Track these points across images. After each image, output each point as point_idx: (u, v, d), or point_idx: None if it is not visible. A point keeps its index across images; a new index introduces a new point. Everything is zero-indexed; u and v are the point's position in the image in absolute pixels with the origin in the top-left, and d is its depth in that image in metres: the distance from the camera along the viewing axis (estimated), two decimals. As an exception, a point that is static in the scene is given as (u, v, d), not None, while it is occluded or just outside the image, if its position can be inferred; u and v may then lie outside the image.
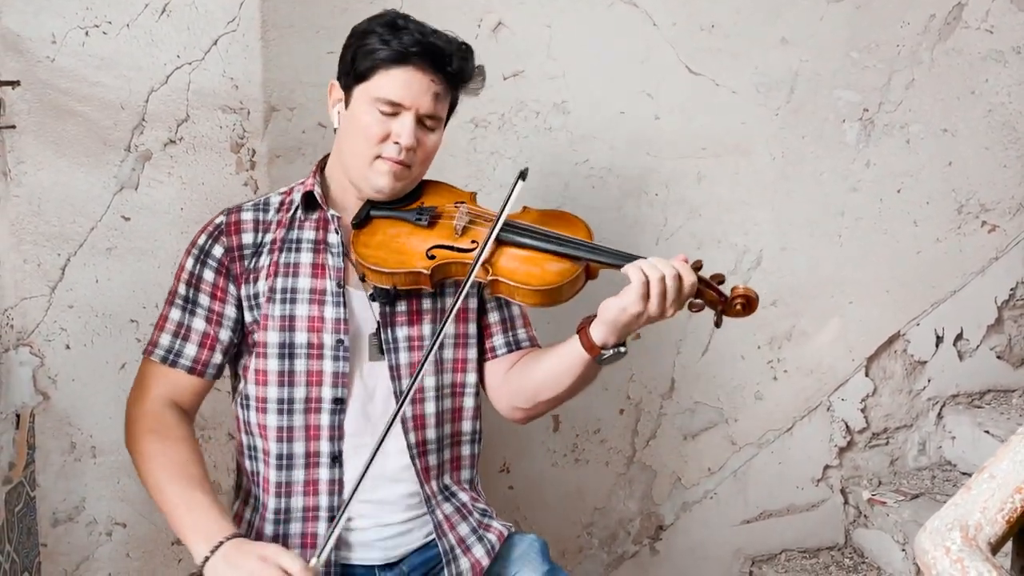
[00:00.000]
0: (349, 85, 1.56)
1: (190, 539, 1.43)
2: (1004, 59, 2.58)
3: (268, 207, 1.62)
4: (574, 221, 1.60)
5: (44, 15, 1.86)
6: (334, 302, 1.55)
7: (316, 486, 1.55)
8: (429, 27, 1.55)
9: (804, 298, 2.55)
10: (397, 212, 1.58)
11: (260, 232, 1.59)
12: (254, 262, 1.57)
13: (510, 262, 1.52)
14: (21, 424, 1.93)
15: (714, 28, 2.35)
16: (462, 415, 1.66)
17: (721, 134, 2.41)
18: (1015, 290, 2.71)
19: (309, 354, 1.54)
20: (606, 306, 1.46)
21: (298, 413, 1.55)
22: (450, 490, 1.64)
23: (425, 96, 1.51)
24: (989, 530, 1.02)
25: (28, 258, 1.92)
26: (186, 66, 1.98)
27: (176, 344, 1.55)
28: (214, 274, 1.56)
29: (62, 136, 1.90)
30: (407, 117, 1.51)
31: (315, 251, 1.58)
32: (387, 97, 1.50)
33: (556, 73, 2.26)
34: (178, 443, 1.53)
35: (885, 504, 2.54)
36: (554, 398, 1.61)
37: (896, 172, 2.56)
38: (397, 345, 1.57)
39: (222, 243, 1.57)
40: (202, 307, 1.56)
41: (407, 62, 1.50)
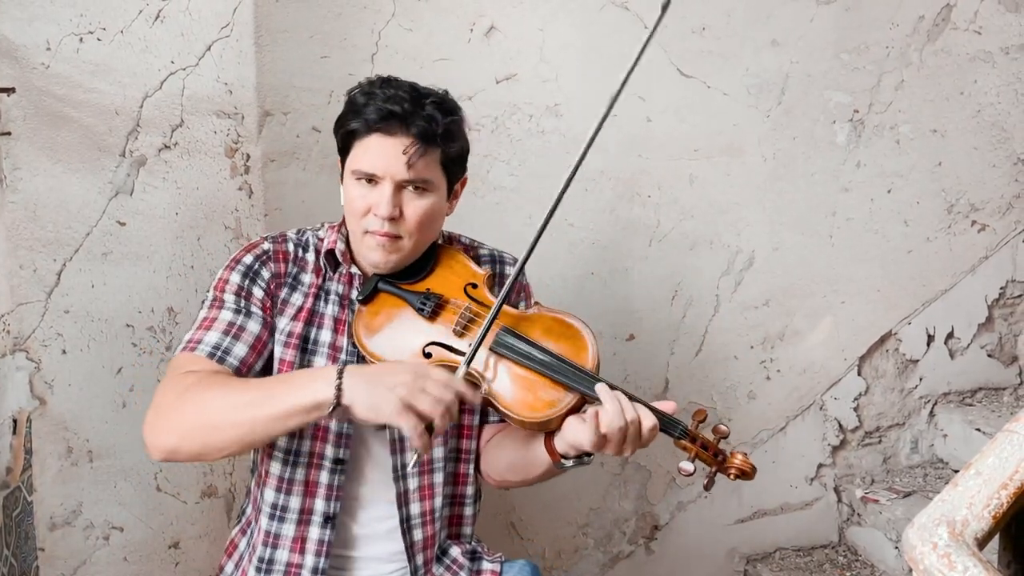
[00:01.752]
0: (342, 160, 1.55)
1: (303, 394, 1.30)
2: (993, 60, 2.60)
3: (307, 246, 1.60)
4: (580, 339, 1.49)
5: (38, 22, 1.87)
6: (348, 361, 1.54)
7: (304, 544, 1.54)
8: (404, 88, 1.49)
9: (796, 298, 2.56)
10: (403, 292, 1.52)
11: (297, 267, 1.57)
12: (288, 294, 1.55)
13: (503, 380, 1.45)
14: (18, 429, 1.93)
15: (705, 30, 2.37)
16: (466, 480, 1.66)
17: (713, 135, 2.42)
18: (1005, 289, 2.73)
19: None
20: (570, 426, 1.42)
21: (301, 467, 1.53)
22: (443, 547, 1.64)
23: (397, 162, 1.45)
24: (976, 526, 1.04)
25: (24, 263, 1.92)
26: (180, 71, 1.99)
27: (226, 341, 1.47)
28: (262, 292, 1.53)
29: (57, 142, 1.91)
30: (384, 186, 1.46)
31: (340, 305, 1.56)
32: (360, 168, 1.47)
33: (548, 76, 2.28)
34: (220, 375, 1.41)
35: (878, 502, 2.56)
36: (522, 481, 1.58)
37: (886, 172, 2.57)
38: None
39: (269, 268, 1.55)
40: (256, 315, 1.51)
41: (373, 131, 1.46)
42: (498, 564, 1.65)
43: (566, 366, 1.44)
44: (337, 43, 2.11)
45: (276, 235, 1.61)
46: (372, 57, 2.14)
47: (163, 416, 1.38)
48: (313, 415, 1.31)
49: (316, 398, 1.29)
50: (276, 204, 2.11)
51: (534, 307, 1.56)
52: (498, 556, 1.67)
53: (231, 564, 1.64)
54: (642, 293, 2.44)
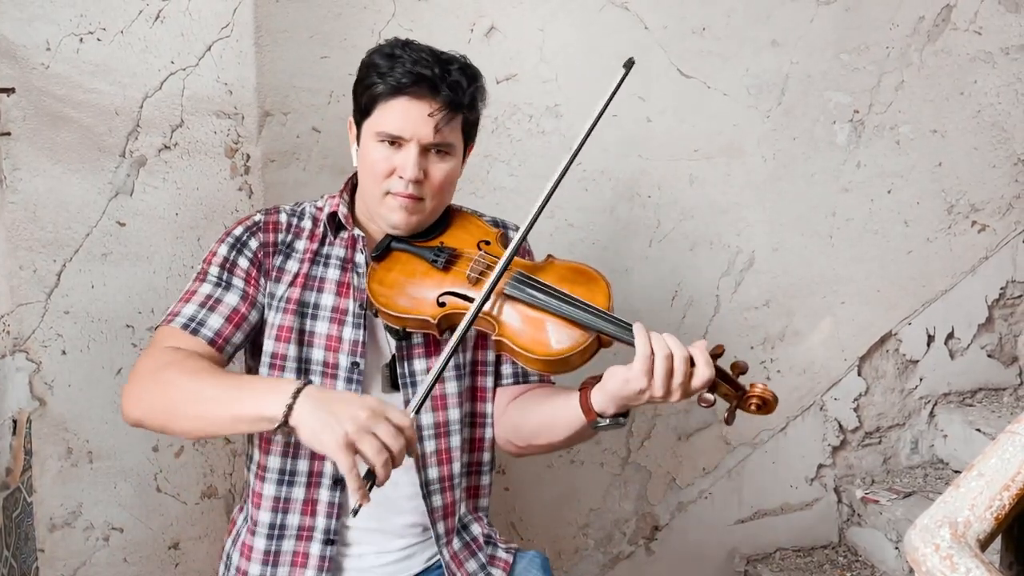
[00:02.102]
0: (358, 122, 1.54)
1: (258, 403, 1.28)
2: (993, 60, 2.60)
3: (303, 215, 1.61)
4: (596, 282, 1.50)
5: (38, 22, 1.87)
6: (354, 323, 1.53)
7: (315, 506, 1.53)
8: (426, 52, 1.50)
9: (796, 298, 2.56)
10: (416, 248, 1.54)
11: (292, 234, 1.58)
12: (281, 261, 1.56)
13: (517, 323, 1.44)
14: (18, 430, 1.93)
15: (705, 31, 2.37)
16: (482, 445, 1.64)
17: (713, 136, 2.42)
18: (1005, 289, 2.73)
19: (323, 372, 1.52)
20: (611, 374, 1.38)
21: None
22: (463, 522, 1.63)
23: (425, 126, 1.47)
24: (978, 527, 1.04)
25: (24, 264, 1.92)
26: (180, 72, 1.99)
27: (201, 313, 1.48)
28: (248, 263, 1.54)
29: (57, 143, 1.91)
30: (410, 149, 1.48)
31: (343, 269, 1.57)
32: (386, 131, 1.48)
33: (548, 76, 2.28)
34: (200, 359, 1.41)
35: (878, 502, 2.56)
36: (548, 445, 1.55)
37: (886, 173, 2.57)
38: (414, 379, 1.55)
39: (258, 237, 1.56)
40: (236, 287, 1.52)
41: (401, 93, 1.46)
42: (511, 554, 1.65)
43: (582, 306, 1.43)
44: (337, 43, 2.11)
45: (270, 208, 1.63)
46: (372, 57, 2.14)
47: (136, 386, 1.41)
48: (261, 426, 1.29)
49: (265, 412, 1.27)
50: (276, 204, 2.11)
51: (547, 258, 1.57)
52: (511, 545, 1.67)
53: (229, 541, 1.63)
54: (642, 294, 2.44)
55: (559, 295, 1.45)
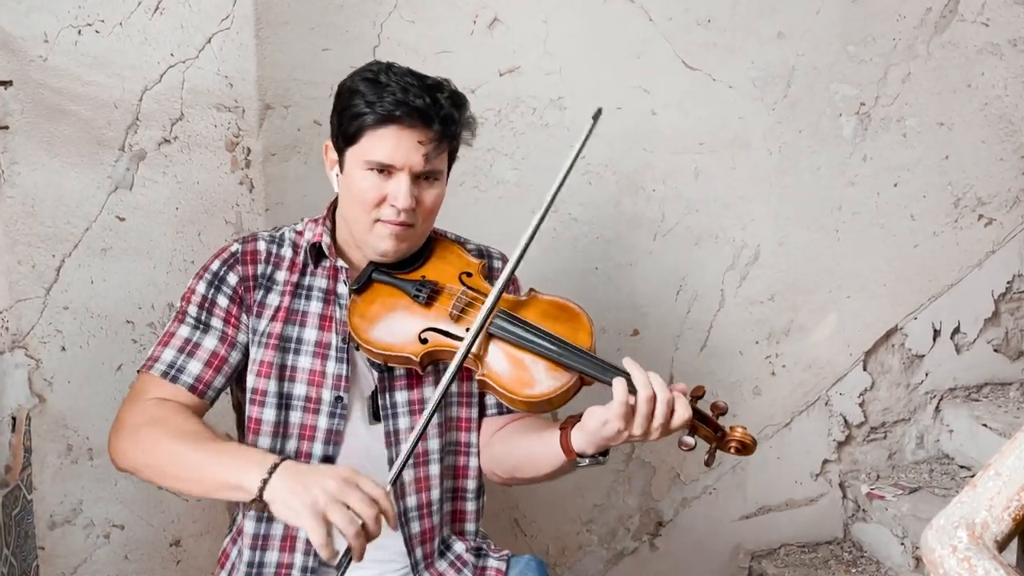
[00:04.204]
0: (341, 148, 1.50)
1: (236, 474, 1.28)
2: (1000, 52, 2.58)
3: (283, 242, 1.57)
4: (579, 320, 1.50)
5: (36, 14, 1.85)
6: (337, 357, 1.51)
7: (294, 543, 1.52)
8: (413, 78, 1.47)
9: (802, 293, 2.55)
10: (397, 281, 1.52)
11: (271, 266, 1.55)
12: (263, 295, 1.52)
13: (500, 362, 1.44)
14: (17, 427, 1.91)
15: (710, 23, 2.35)
16: (466, 473, 1.63)
17: (718, 129, 2.40)
18: (1012, 283, 2.71)
19: (305, 407, 1.50)
20: (590, 414, 1.38)
21: None
22: (447, 543, 1.62)
23: (415, 154, 1.45)
24: (996, 528, 1.02)
25: (22, 259, 1.90)
26: (180, 64, 1.97)
27: (180, 359, 1.47)
28: (228, 301, 1.51)
29: (56, 136, 1.89)
30: (401, 177, 1.45)
31: (325, 301, 1.54)
32: (377, 160, 1.45)
33: (552, 69, 2.25)
34: (184, 416, 1.41)
35: (884, 498, 2.54)
36: (531, 479, 1.56)
37: (893, 166, 2.55)
38: (396, 410, 1.54)
39: (236, 271, 1.52)
40: (215, 328, 1.50)
41: (391, 122, 1.43)
42: (504, 561, 1.63)
43: (565, 346, 1.43)
44: (338, 35, 2.09)
45: (247, 236, 1.59)
46: (374, 50, 2.12)
47: (122, 440, 1.41)
48: (238, 496, 1.29)
49: (242, 484, 1.27)
50: (277, 198, 2.09)
51: (529, 293, 1.55)
52: (504, 553, 1.65)
53: (224, 573, 1.61)
54: (646, 288, 2.42)
55: (543, 335, 1.44)
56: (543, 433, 1.50)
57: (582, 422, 1.40)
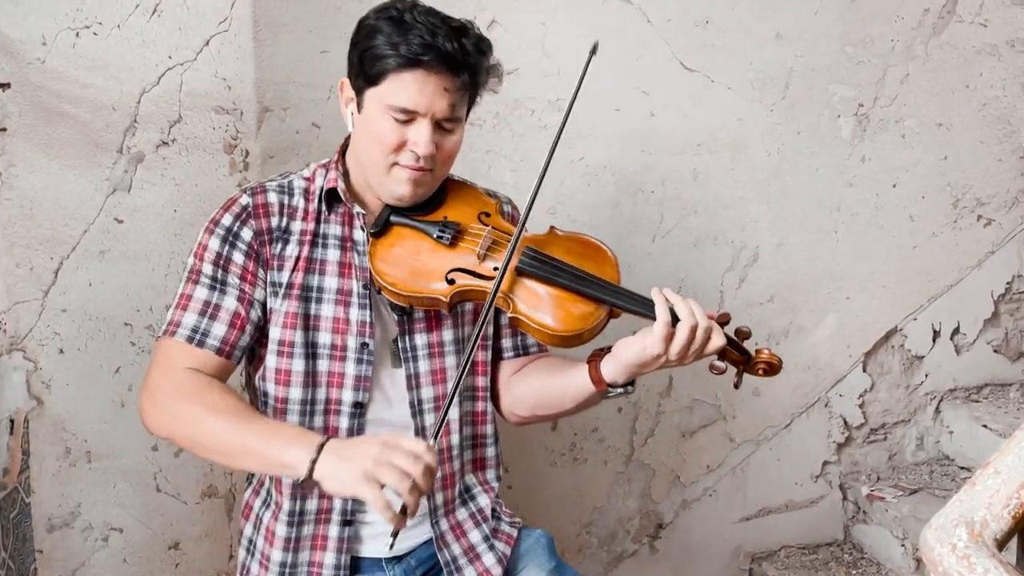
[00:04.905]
0: (360, 87, 1.45)
1: (282, 458, 1.31)
2: (998, 53, 2.58)
3: (292, 191, 1.54)
4: (602, 255, 1.53)
5: (34, 16, 1.85)
6: (360, 304, 1.51)
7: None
8: (439, 19, 1.42)
9: (801, 294, 2.54)
10: (418, 223, 1.50)
11: (286, 217, 1.51)
12: (281, 247, 1.50)
13: (531, 299, 1.45)
14: (15, 430, 1.91)
15: (708, 24, 2.35)
16: (484, 418, 1.64)
17: (716, 130, 2.40)
18: (1011, 284, 2.71)
19: (332, 355, 1.50)
20: (624, 344, 1.42)
21: (318, 415, 1.51)
22: (471, 492, 1.63)
23: (440, 100, 1.41)
24: (995, 526, 1.02)
25: (20, 262, 1.90)
26: (178, 67, 1.97)
27: (203, 323, 1.45)
28: (244, 257, 1.48)
29: (54, 138, 1.89)
30: (423, 124, 1.42)
31: (342, 248, 1.52)
32: (400, 105, 1.40)
33: (551, 71, 2.25)
34: (221, 392, 1.41)
35: (884, 499, 2.54)
36: (553, 415, 1.60)
37: (891, 167, 2.55)
38: (416, 353, 1.54)
39: (251, 226, 1.49)
40: (232, 287, 1.47)
41: (418, 66, 1.39)
42: (516, 529, 1.64)
43: (595, 280, 1.46)
44: (337, 37, 2.08)
45: (255, 186, 1.55)
46: (372, 52, 2.11)
47: (160, 414, 1.41)
48: (287, 474, 1.33)
49: (289, 464, 1.31)
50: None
51: (550, 230, 1.56)
52: (516, 520, 1.66)
53: (250, 527, 1.60)
54: (646, 290, 2.41)
55: (572, 271, 1.47)
56: (567, 369, 1.54)
57: (614, 353, 1.44)
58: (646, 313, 1.43)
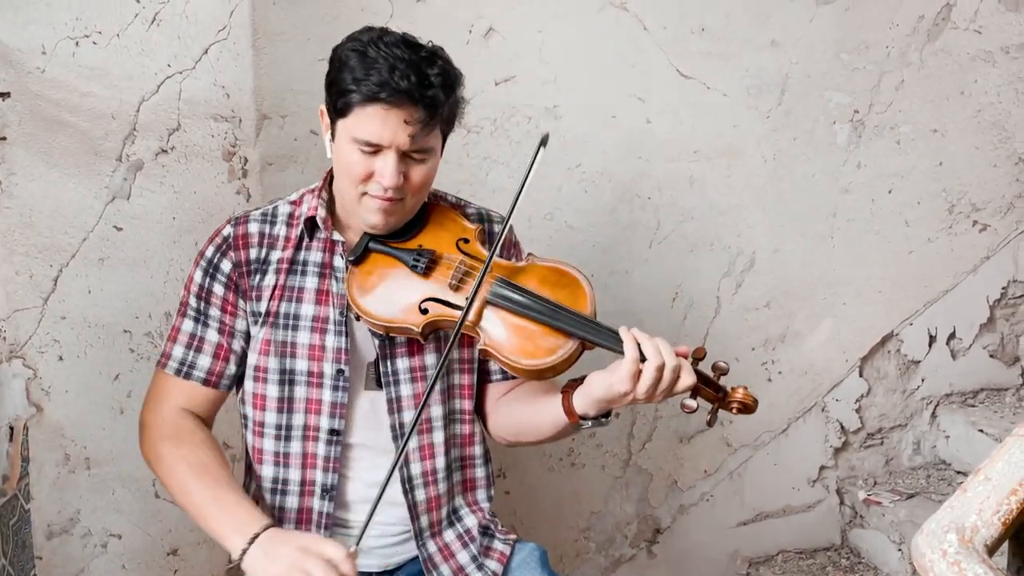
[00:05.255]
0: (332, 118, 1.48)
1: (223, 535, 1.42)
2: (993, 59, 2.59)
3: (275, 219, 1.57)
4: (577, 287, 1.48)
5: (34, 26, 1.86)
6: (336, 331, 1.53)
7: (309, 514, 1.55)
8: (403, 52, 1.41)
9: (797, 299, 2.55)
10: (394, 250, 1.51)
11: (265, 248, 1.55)
12: (259, 279, 1.54)
13: (500, 331, 1.44)
14: (15, 436, 1.92)
15: (704, 31, 2.36)
16: (471, 440, 1.65)
17: (712, 137, 2.41)
18: (1007, 289, 2.72)
19: (309, 382, 1.53)
20: (593, 381, 1.42)
21: (295, 440, 1.54)
22: (458, 514, 1.64)
23: (402, 133, 1.40)
24: (985, 532, 1.03)
25: (20, 270, 1.91)
26: (177, 75, 1.98)
27: (189, 356, 1.55)
28: (223, 288, 1.54)
29: (53, 147, 1.90)
30: (389, 155, 1.42)
31: (320, 275, 1.54)
32: (364, 138, 1.41)
33: (548, 78, 2.27)
34: (198, 446, 1.51)
35: (881, 504, 2.55)
36: (536, 441, 1.60)
37: (887, 173, 2.57)
38: (397, 377, 1.55)
39: (230, 258, 1.54)
40: (214, 319, 1.55)
41: (377, 102, 1.39)
42: (509, 545, 1.64)
43: (565, 313, 1.43)
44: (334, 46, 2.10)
45: (240, 216, 1.58)
46: (370, 60, 2.13)
47: (146, 448, 1.56)
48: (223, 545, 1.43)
49: (226, 544, 1.42)
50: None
51: (527, 258, 1.55)
52: (510, 536, 1.66)
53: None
54: (643, 295, 2.43)
55: (543, 302, 1.44)
56: (543, 398, 1.54)
57: (586, 388, 1.43)
58: (616, 348, 1.40)
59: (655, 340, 1.39)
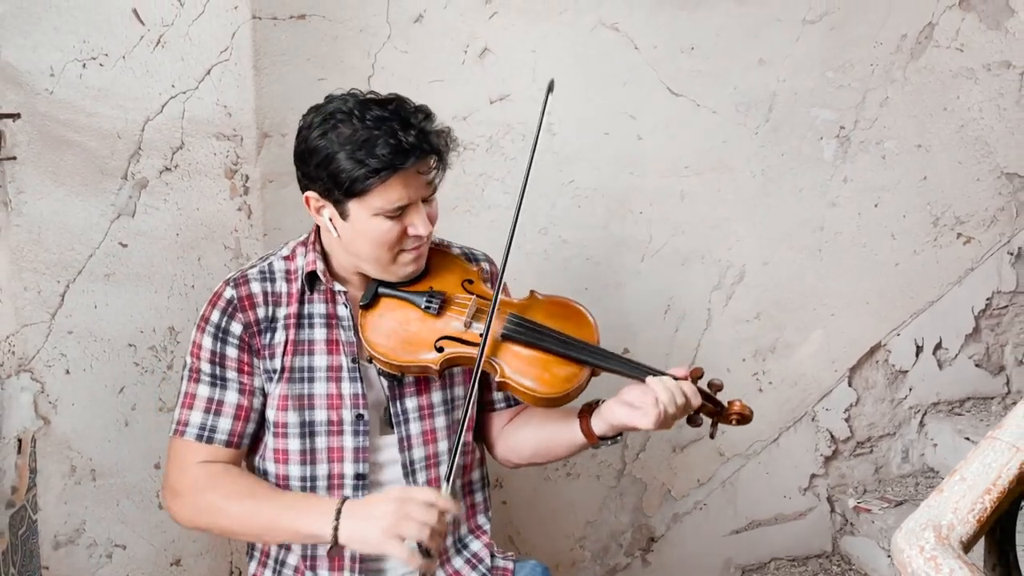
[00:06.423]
0: (339, 200, 1.47)
1: (307, 528, 1.43)
2: (975, 76, 2.65)
3: (274, 276, 1.59)
4: (582, 318, 1.59)
5: (42, 49, 1.90)
6: (350, 377, 1.56)
7: (341, 562, 1.56)
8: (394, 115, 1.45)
9: (787, 311, 2.60)
10: (406, 294, 1.56)
11: (271, 306, 1.57)
12: (269, 337, 1.56)
13: (516, 363, 1.52)
14: (23, 448, 1.95)
15: (694, 50, 2.42)
16: (471, 469, 1.70)
17: (703, 153, 2.47)
18: (991, 300, 2.77)
19: (329, 431, 1.55)
20: (613, 413, 1.52)
21: (320, 490, 1.56)
22: (464, 541, 1.67)
23: (422, 185, 1.48)
24: (961, 529, 1.08)
25: (28, 286, 1.95)
26: (180, 95, 2.03)
27: (209, 420, 1.53)
28: (237, 350, 1.54)
29: (61, 166, 1.94)
30: (416, 208, 1.48)
31: (328, 326, 1.57)
32: (393, 207, 1.45)
33: (541, 96, 2.31)
34: (233, 477, 1.52)
35: (870, 511, 2.59)
36: (549, 460, 1.70)
37: (873, 187, 2.62)
38: (407, 416, 1.59)
39: (239, 319, 1.54)
40: (232, 381, 1.54)
41: (395, 171, 1.42)
42: (511, 562, 1.69)
43: (576, 344, 1.54)
44: (334, 66, 2.15)
45: (238, 277, 1.58)
46: (368, 79, 2.18)
47: (185, 508, 1.53)
48: (315, 541, 1.46)
49: (315, 533, 1.42)
50: (275, 224, 2.15)
51: (530, 295, 1.63)
52: (510, 555, 1.71)
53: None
54: (635, 308, 2.48)
55: (555, 335, 1.54)
56: (558, 422, 1.63)
57: (604, 415, 1.54)
58: (627, 372, 1.54)
59: (665, 382, 1.49)
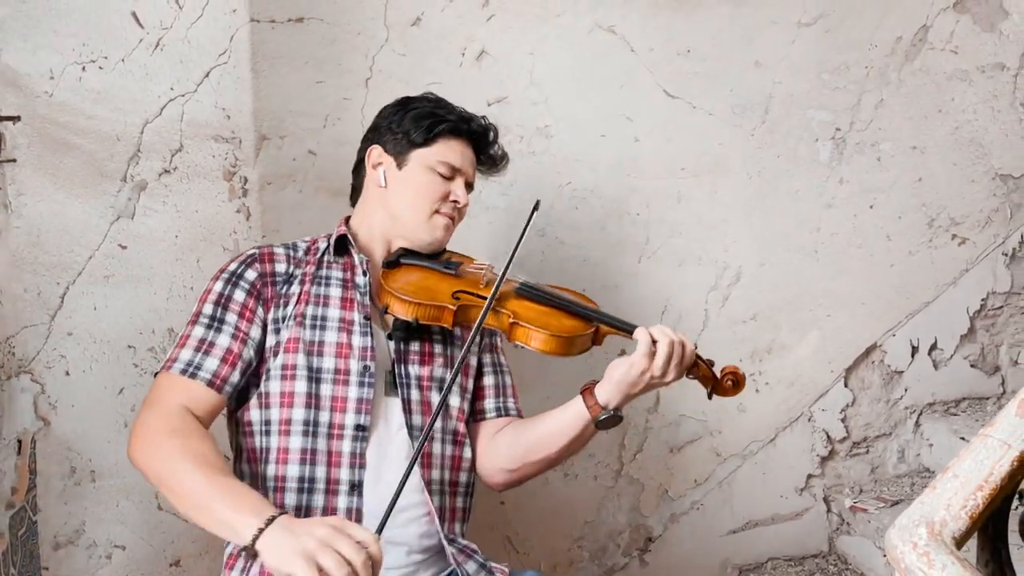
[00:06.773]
0: (402, 150, 1.71)
1: (234, 519, 1.33)
2: (969, 78, 2.67)
3: (296, 248, 1.70)
4: (584, 297, 1.75)
5: (42, 52, 1.92)
6: (361, 332, 1.62)
7: (335, 514, 1.54)
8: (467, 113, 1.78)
9: (783, 312, 2.61)
10: (426, 261, 1.70)
11: (291, 264, 1.66)
12: (286, 288, 1.63)
13: (529, 311, 1.63)
14: (23, 450, 1.96)
15: (690, 53, 2.43)
16: (460, 464, 1.69)
17: (699, 154, 2.48)
18: (986, 300, 2.78)
19: (335, 379, 1.58)
20: (613, 365, 1.59)
21: (321, 437, 1.56)
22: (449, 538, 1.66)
23: (471, 169, 1.76)
24: (953, 526, 1.09)
25: (28, 287, 1.96)
26: (179, 98, 2.04)
27: (197, 357, 1.54)
28: (245, 294, 1.60)
29: (60, 168, 1.96)
30: (460, 181, 1.73)
31: (344, 287, 1.66)
32: (450, 162, 1.70)
33: (538, 99, 2.33)
34: (203, 439, 1.46)
35: (867, 511, 2.60)
36: (543, 459, 1.67)
37: (868, 188, 2.63)
38: (409, 381, 1.63)
39: (256, 268, 1.63)
40: (228, 324, 1.57)
41: (463, 136, 1.73)
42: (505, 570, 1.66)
43: (582, 304, 1.68)
44: (332, 69, 2.16)
45: (263, 245, 1.71)
46: (366, 82, 2.19)
47: (144, 444, 1.47)
48: (230, 537, 1.37)
49: (236, 528, 1.33)
50: (273, 226, 2.16)
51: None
52: (503, 566, 1.68)
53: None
54: (632, 309, 2.49)
55: (563, 296, 1.69)
56: (554, 411, 1.66)
57: (607, 375, 1.60)
58: (628, 329, 1.62)
59: (658, 326, 1.60)
